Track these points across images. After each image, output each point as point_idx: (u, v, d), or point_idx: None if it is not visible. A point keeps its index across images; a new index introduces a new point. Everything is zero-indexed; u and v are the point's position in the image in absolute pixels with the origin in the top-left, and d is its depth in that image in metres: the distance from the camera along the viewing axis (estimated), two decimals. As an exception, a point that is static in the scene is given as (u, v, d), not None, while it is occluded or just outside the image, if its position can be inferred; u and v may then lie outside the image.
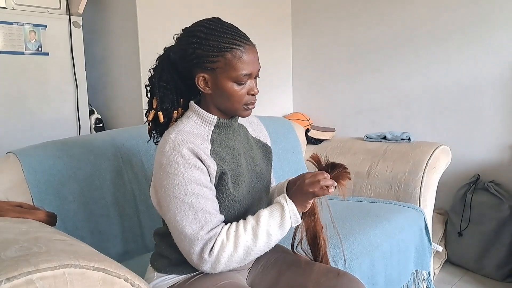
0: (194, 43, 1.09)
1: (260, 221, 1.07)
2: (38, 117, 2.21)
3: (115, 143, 1.71)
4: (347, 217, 1.84)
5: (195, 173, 1.06)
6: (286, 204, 1.10)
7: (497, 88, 2.38)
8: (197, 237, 1.04)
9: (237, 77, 1.09)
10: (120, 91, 2.54)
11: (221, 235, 1.05)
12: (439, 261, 2.47)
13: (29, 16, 2.12)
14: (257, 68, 1.14)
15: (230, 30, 1.10)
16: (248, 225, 1.08)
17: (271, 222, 1.08)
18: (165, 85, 1.16)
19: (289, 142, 2.37)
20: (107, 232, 1.59)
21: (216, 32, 1.09)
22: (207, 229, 1.05)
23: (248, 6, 2.88)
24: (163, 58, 1.19)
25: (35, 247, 0.87)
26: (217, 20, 1.13)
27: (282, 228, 1.09)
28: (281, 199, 1.12)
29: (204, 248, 1.04)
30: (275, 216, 1.09)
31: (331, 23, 3.03)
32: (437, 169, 2.11)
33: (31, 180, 1.45)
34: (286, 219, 1.09)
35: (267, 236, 1.07)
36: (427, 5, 2.57)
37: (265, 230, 1.07)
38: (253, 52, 1.12)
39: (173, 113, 1.18)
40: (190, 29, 1.13)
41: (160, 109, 1.16)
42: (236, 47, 1.08)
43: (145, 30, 2.32)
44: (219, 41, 1.08)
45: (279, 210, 1.09)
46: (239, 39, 1.10)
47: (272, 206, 1.12)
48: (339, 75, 3.04)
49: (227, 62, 1.08)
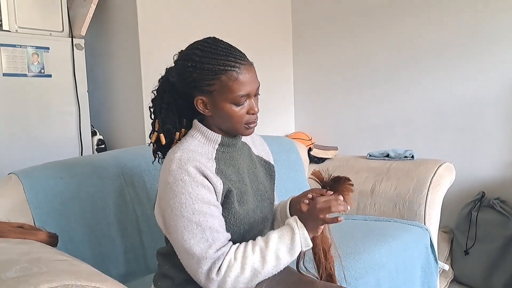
0: (189, 66, 1.08)
1: (269, 244, 1.05)
2: (41, 139, 2.21)
3: (117, 164, 1.70)
4: (351, 236, 1.82)
5: (202, 191, 1.05)
6: (297, 228, 1.07)
7: (499, 104, 2.39)
8: (205, 256, 1.02)
9: (234, 99, 1.08)
10: (122, 112, 2.55)
11: (229, 255, 1.03)
12: (445, 280, 2.44)
13: (32, 39, 2.14)
14: (255, 87, 1.12)
15: (225, 51, 1.08)
16: (257, 247, 1.05)
17: (281, 246, 1.05)
18: (167, 106, 1.15)
19: (292, 161, 2.37)
20: (109, 253, 1.57)
21: (210, 54, 1.07)
22: (215, 248, 1.03)
23: (248, 25, 2.91)
24: (164, 79, 1.18)
25: (35, 268, 0.86)
26: (212, 40, 1.11)
27: (291, 252, 1.06)
28: (292, 222, 1.08)
29: (212, 267, 1.02)
30: (285, 239, 1.06)
31: (332, 42, 3.05)
32: (442, 187, 2.09)
33: (32, 201, 1.44)
34: (296, 243, 1.06)
35: (276, 259, 1.05)
36: (428, 22, 2.59)
37: (274, 253, 1.05)
38: (250, 71, 1.10)
39: (175, 134, 1.17)
40: (186, 52, 1.12)
41: (162, 131, 1.16)
42: (231, 68, 1.07)
43: (147, 51, 2.35)
44: (214, 64, 1.06)
45: (289, 234, 1.07)
46: (234, 59, 1.08)
47: (282, 229, 1.09)
48: (340, 94, 3.05)
49: (223, 85, 1.07)
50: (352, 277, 1.52)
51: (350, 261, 1.57)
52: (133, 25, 2.34)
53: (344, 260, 1.38)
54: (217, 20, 2.68)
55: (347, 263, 1.52)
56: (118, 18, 2.47)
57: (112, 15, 2.50)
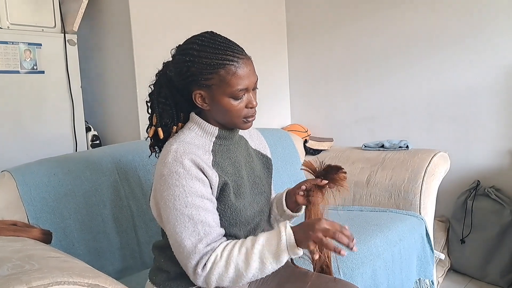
0: (187, 61, 1.08)
1: (255, 247, 1.01)
2: (35, 136, 2.20)
3: (111, 159, 1.69)
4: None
5: (196, 184, 1.05)
6: (284, 236, 1.01)
7: (493, 93, 2.38)
8: (195, 251, 1.02)
9: (232, 93, 1.08)
10: (117, 107, 2.54)
11: (216, 252, 1.02)
12: (442, 269, 2.45)
13: (24, 35, 2.12)
14: (254, 80, 1.12)
15: (223, 45, 1.09)
16: (243, 248, 1.02)
17: (266, 251, 1.01)
18: (164, 101, 1.16)
19: (288, 153, 2.37)
20: (104, 249, 1.57)
21: (208, 48, 1.07)
22: (205, 243, 1.03)
23: (242, 18, 2.90)
24: (161, 74, 1.18)
25: (27, 265, 0.86)
26: (209, 35, 1.12)
27: (278, 259, 1.01)
28: (281, 227, 1.03)
29: (200, 262, 1.02)
30: (271, 245, 1.01)
31: (326, 34, 3.04)
32: (436, 176, 2.10)
33: (26, 198, 1.44)
34: (282, 250, 1.00)
35: (261, 263, 1.01)
36: (422, 13, 2.58)
37: (259, 258, 1.00)
38: (248, 65, 1.10)
39: (172, 128, 1.17)
40: (183, 47, 1.12)
41: (160, 125, 1.16)
42: (230, 62, 1.07)
43: (140, 46, 2.33)
44: (212, 58, 1.06)
45: (276, 240, 1.01)
46: (232, 54, 1.08)
47: (270, 233, 1.04)
48: (335, 85, 3.05)
49: (222, 79, 1.07)
50: (348, 268, 1.53)
51: (346, 252, 1.57)
52: (125, 20, 2.32)
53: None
54: (211, 12, 2.66)
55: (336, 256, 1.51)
56: (111, 13, 2.45)
57: (105, 9, 2.48)
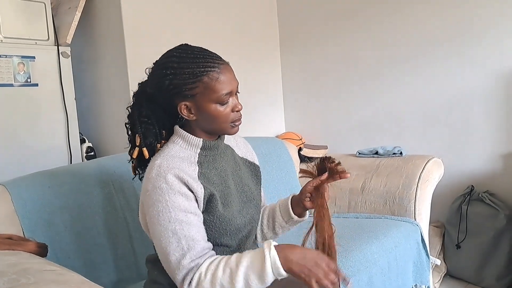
0: (169, 74, 1.09)
1: (239, 268, 0.99)
2: (29, 148, 2.19)
3: (106, 170, 1.69)
4: (343, 234, 1.82)
5: (179, 199, 1.05)
6: (268, 258, 0.99)
7: (484, 97, 2.41)
8: (179, 266, 1.02)
9: (218, 98, 1.09)
10: (111, 119, 2.54)
11: (200, 269, 1.01)
12: (438, 274, 2.45)
13: (17, 48, 2.13)
14: (236, 84, 1.14)
15: (201, 54, 1.10)
16: (228, 268, 1.00)
17: (250, 272, 0.99)
18: (146, 120, 1.16)
19: (282, 161, 2.37)
20: (100, 261, 1.57)
21: (187, 59, 1.09)
22: (189, 258, 1.02)
23: (235, 27, 2.91)
24: (139, 93, 1.18)
25: (23, 279, 0.86)
26: (185, 46, 1.13)
27: (262, 280, 0.99)
28: (265, 249, 1.01)
29: (185, 278, 1.02)
30: (255, 266, 1.00)
31: (319, 42, 3.06)
32: (430, 182, 2.11)
33: (21, 212, 1.43)
34: (267, 273, 0.99)
35: (246, 284, 0.99)
36: (413, 20, 2.61)
37: (243, 279, 0.99)
38: (229, 70, 1.12)
39: (156, 147, 1.17)
40: (162, 61, 1.13)
41: (144, 145, 1.16)
42: (211, 69, 1.08)
43: (134, 57, 2.34)
44: (193, 67, 1.08)
45: (259, 262, 1.00)
46: (212, 60, 1.10)
47: (255, 254, 1.02)
48: (329, 93, 3.07)
49: (206, 86, 1.08)
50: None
51: (342, 259, 1.58)
52: (119, 32, 2.33)
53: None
54: (203, 24, 2.67)
55: (339, 261, 1.52)
56: (104, 25, 2.46)
57: (98, 22, 2.49)
